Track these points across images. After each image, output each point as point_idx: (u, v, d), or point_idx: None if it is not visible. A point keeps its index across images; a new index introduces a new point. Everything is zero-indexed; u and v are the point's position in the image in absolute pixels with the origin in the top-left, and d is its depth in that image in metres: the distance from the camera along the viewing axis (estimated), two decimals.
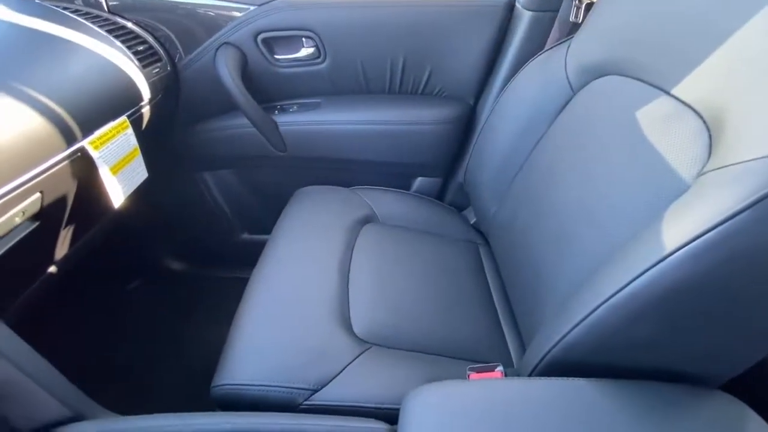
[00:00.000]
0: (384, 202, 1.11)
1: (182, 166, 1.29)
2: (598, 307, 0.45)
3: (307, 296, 0.79)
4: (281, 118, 1.16)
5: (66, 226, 0.87)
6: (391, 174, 1.24)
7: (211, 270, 1.50)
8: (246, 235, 1.45)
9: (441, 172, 1.25)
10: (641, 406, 0.46)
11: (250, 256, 0.96)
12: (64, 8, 0.95)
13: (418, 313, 0.81)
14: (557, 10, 1.00)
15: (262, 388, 0.64)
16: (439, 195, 1.27)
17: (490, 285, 0.93)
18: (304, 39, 1.08)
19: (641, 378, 0.48)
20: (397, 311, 0.80)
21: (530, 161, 0.86)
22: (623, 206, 0.57)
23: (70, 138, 0.75)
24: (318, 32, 1.05)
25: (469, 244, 1.04)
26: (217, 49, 1.06)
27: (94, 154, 0.80)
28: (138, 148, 0.94)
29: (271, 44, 1.09)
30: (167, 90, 1.06)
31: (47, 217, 0.78)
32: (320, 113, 1.15)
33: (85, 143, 0.79)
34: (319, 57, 1.09)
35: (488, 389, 0.52)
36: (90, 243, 1.00)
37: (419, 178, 1.26)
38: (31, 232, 0.75)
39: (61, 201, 0.81)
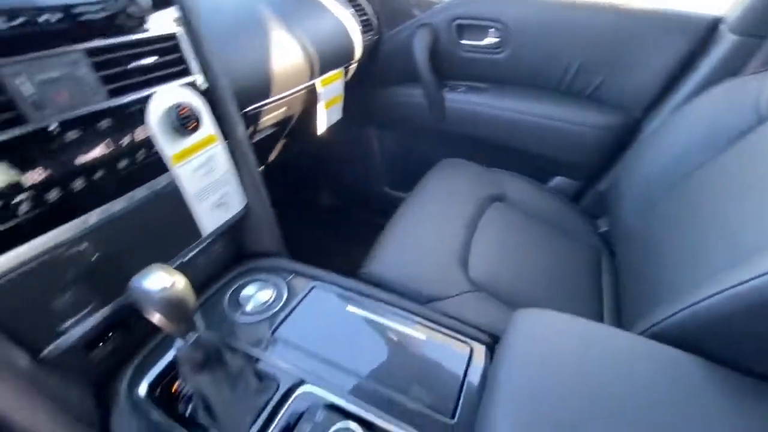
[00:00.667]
0: (518, 188, 1.21)
1: (357, 119, 1.58)
2: (717, 294, 0.50)
3: (436, 235, 0.97)
4: (449, 95, 1.34)
5: (287, 137, 1.21)
6: (533, 165, 1.32)
7: (355, 210, 1.81)
8: (387, 189, 1.71)
9: (583, 175, 1.28)
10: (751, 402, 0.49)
11: (386, 208, 1.16)
12: None
13: (526, 280, 0.91)
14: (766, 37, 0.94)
15: (391, 282, 0.84)
16: (575, 198, 1.31)
17: (604, 291, 0.97)
18: (491, 29, 1.22)
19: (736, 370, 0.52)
20: (508, 272, 0.92)
21: (691, 181, 0.87)
22: None
23: (312, 74, 1.04)
24: (508, 24, 1.18)
25: (591, 248, 1.08)
26: (417, 27, 1.28)
27: (320, 90, 1.10)
28: (342, 95, 1.23)
29: (461, 30, 1.26)
30: (370, 55, 1.33)
31: (281, 127, 1.10)
32: (485, 97, 1.29)
33: (317, 81, 1.08)
34: (499, 47, 1.23)
35: (597, 332, 0.60)
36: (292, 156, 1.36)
37: (559, 177, 1.32)
38: (269, 135, 1.08)
39: (291, 119, 1.13)
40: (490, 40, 1.23)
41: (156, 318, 0.50)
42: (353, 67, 1.28)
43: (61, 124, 0.50)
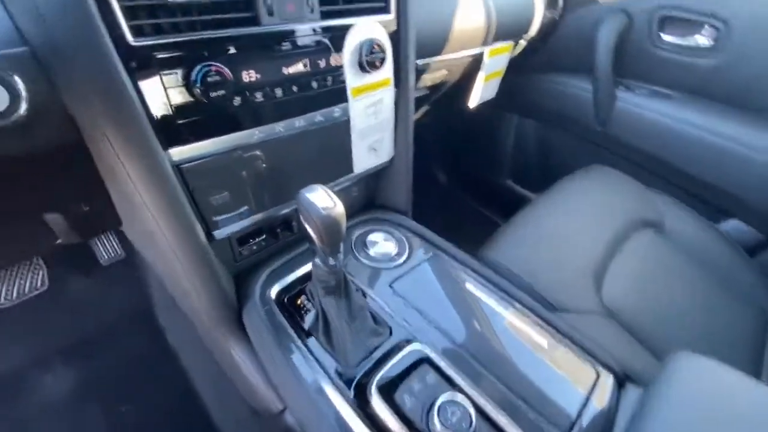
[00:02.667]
0: (680, 218, 1.03)
1: (501, 100, 1.49)
2: None
3: (572, 244, 0.87)
4: (622, 94, 1.17)
5: (431, 103, 1.19)
6: (704, 197, 1.11)
7: (468, 195, 1.75)
8: (510, 183, 1.61)
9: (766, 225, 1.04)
10: None
11: (504, 202, 1.07)
12: None
13: (668, 322, 0.78)
14: None
15: (509, 272, 0.79)
16: (751, 250, 1.07)
17: (766, 357, 0.79)
18: (706, 27, 1.02)
19: None
20: (648, 308, 0.80)
21: None
22: None
23: (484, 41, 0.99)
24: (731, 24, 0.97)
25: (760, 311, 0.88)
26: (608, 13, 1.13)
27: (486, 60, 1.04)
28: (504, 70, 1.16)
29: (664, 23, 1.08)
30: (544, 34, 1.22)
31: (432, 90, 1.08)
32: (668, 106, 1.11)
33: (486, 49, 1.03)
34: (711, 51, 1.02)
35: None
36: (423, 125, 1.34)
37: (735, 221, 1.09)
38: (417, 96, 1.07)
39: (444, 85, 1.10)
40: (701, 40, 1.03)
41: (314, 230, 0.52)
42: (521, 43, 1.19)
43: (280, 33, 0.53)
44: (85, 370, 0.97)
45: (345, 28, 0.60)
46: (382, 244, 0.78)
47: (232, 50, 0.50)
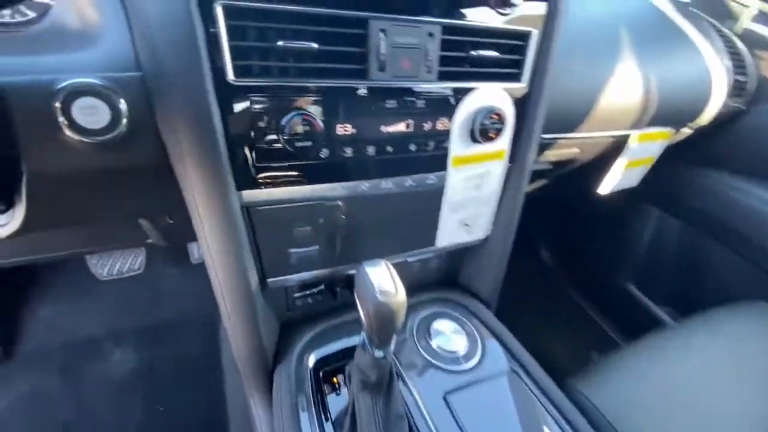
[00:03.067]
0: None
1: (641, 190, 1.24)
2: None
3: (715, 404, 0.63)
4: None
5: (559, 177, 1.04)
6: None
7: (572, 293, 1.49)
8: (631, 287, 1.32)
9: None
10: None
11: (620, 309, 0.83)
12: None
13: None
14: None
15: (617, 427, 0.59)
16: None
17: None
18: None
19: None
20: None
21: None
22: None
23: (635, 123, 0.82)
24: None
25: None
26: None
27: (632, 145, 0.86)
28: (654, 158, 0.96)
29: None
30: (718, 125, 0.98)
31: (556, 166, 0.94)
32: None
33: (635, 133, 0.85)
34: None
35: None
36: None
37: None
38: (542, 170, 0.93)
39: (573, 163, 0.95)
40: None
41: (365, 314, 0.44)
42: (684, 131, 0.97)
43: (387, 90, 0.48)
44: (147, 356, 1.03)
45: (462, 92, 0.53)
46: (449, 336, 0.65)
47: (332, 101, 0.46)
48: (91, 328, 1.05)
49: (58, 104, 0.37)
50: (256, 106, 0.43)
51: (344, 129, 0.48)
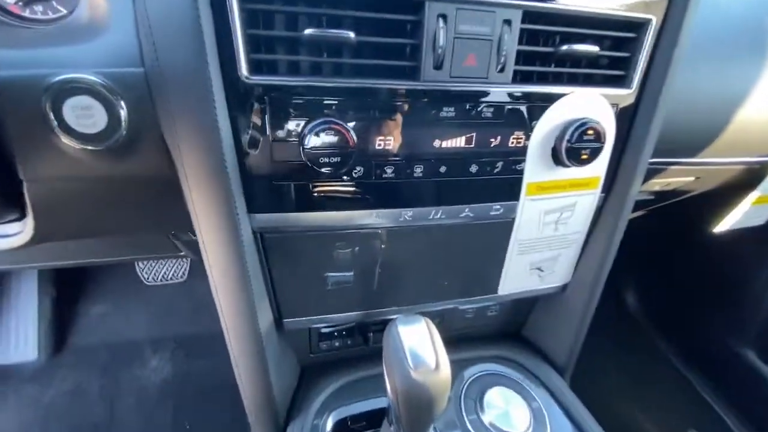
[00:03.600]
0: None
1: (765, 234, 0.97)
2: None
3: None
4: None
5: (661, 209, 0.84)
6: None
7: (674, 358, 1.21)
8: (751, 356, 1.03)
9: None
10: None
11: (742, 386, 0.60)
12: None
13: None
14: None
15: None
16: None
17: None
18: None
19: None
20: None
21: None
22: None
23: None
24: None
25: None
26: None
27: None
28: None
29: None
30: None
31: (665, 196, 0.75)
32: None
33: None
34: None
35: None
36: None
37: None
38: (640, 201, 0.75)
39: (686, 193, 0.75)
40: None
41: (393, 395, 0.33)
42: None
43: (444, 94, 0.37)
44: (182, 368, 1.01)
45: (545, 98, 0.40)
46: (507, 411, 0.51)
47: (370, 107, 0.36)
48: (134, 332, 1.06)
49: (48, 103, 0.32)
50: (275, 111, 0.34)
51: (384, 142, 0.38)
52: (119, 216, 0.47)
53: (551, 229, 0.48)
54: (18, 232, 0.46)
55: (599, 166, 0.45)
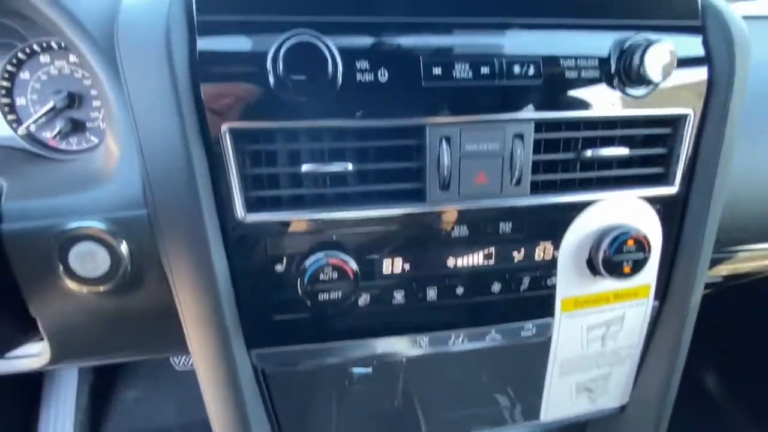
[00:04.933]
0: None
1: None
2: None
3: None
4: None
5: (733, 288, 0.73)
6: None
7: None
8: None
9: None
10: None
11: None
12: None
13: None
14: None
15: None
16: None
17: None
18: None
19: None
20: None
21: None
22: None
23: None
24: None
25: None
26: None
27: None
28: None
29: None
30: None
31: (736, 278, 0.64)
32: None
33: None
34: None
35: None
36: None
37: None
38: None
39: (756, 275, 0.64)
40: None
41: None
42: None
43: (450, 215, 0.34)
44: None
45: (574, 206, 0.36)
46: None
47: (373, 233, 0.33)
48: (165, 418, 1.04)
49: (55, 252, 0.32)
50: (271, 248, 0.32)
51: (392, 267, 0.34)
52: (131, 337, 0.46)
53: (597, 345, 0.41)
54: (40, 353, 0.46)
55: (648, 275, 0.38)
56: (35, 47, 0.45)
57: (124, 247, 0.33)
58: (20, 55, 0.45)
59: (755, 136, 0.44)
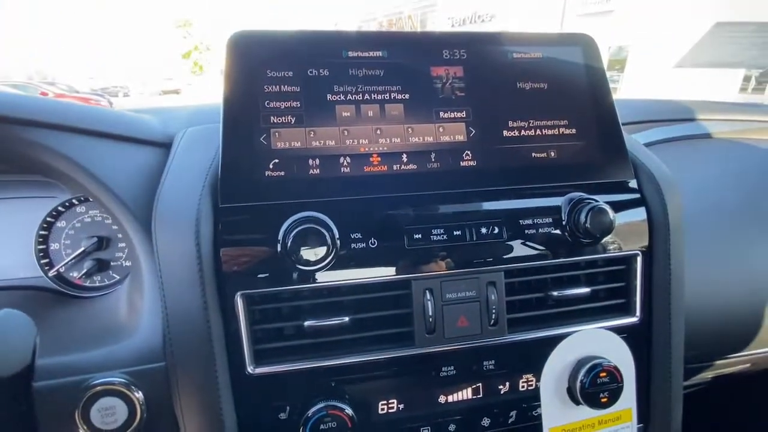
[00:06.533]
0: None
1: None
2: None
3: None
4: None
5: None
6: None
7: None
8: None
9: None
10: None
11: None
12: None
13: None
14: None
15: None
16: None
17: None
18: None
19: None
20: None
21: None
22: None
23: None
24: None
25: None
26: None
27: None
28: None
29: None
30: None
31: (719, 378, 0.66)
32: None
33: None
34: None
35: None
36: None
37: None
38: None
39: (739, 376, 0.66)
40: None
41: None
42: None
43: (437, 356, 0.38)
44: None
45: (548, 342, 0.40)
46: None
47: (369, 377, 0.37)
48: None
49: (78, 407, 0.35)
50: (276, 399, 0.36)
51: (387, 408, 0.37)
52: None
53: None
54: None
55: (627, 399, 0.41)
56: (74, 200, 0.52)
57: (140, 398, 0.36)
58: (60, 207, 0.52)
59: (706, 263, 0.49)
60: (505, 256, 0.39)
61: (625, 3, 9.00)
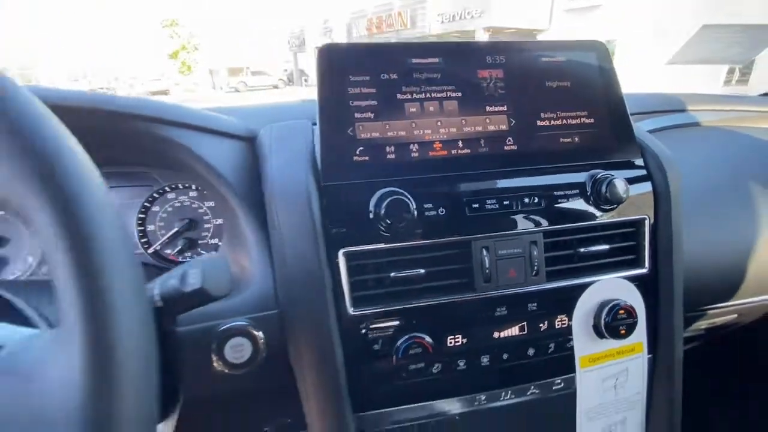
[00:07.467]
0: None
1: None
2: None
3: None
4: None
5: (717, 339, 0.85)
6: None
7: None
8: None
9: None
10: None
11: None
12: None
13: None
14: None
15: None
16: None
17: None
18: None
19: None
20: None
21: None
22: None
23: None
24: None
25: None
26: None
27: None
28: None
29: None
30: None
31: (715, 330, 0.77)
32: None
33: None
34: None
35: None
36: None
37: None
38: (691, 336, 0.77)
39: (731, 327, 0.78)
40: None
41: None
42: None
43: (492, 299, 0.48)
44: None
45: (577, 288, 0.50)
46: None
47: (441, 317, 0.47)
48: None
49: (214, 345, 0.45)
50: (371, 333, 0.45)
51: (455, 341, 0.47)
52: (247, 411, 0.56)
53: (612, 394, 0.52)
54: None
55: (639, 335, 0.52)
56: (166, 188, 0.61)
57: (262, 336, 0.45)
58: (155, 194, 0.61)
59: (703, 224, 0.60)
60: (543, 221, 0.49)
61: None
